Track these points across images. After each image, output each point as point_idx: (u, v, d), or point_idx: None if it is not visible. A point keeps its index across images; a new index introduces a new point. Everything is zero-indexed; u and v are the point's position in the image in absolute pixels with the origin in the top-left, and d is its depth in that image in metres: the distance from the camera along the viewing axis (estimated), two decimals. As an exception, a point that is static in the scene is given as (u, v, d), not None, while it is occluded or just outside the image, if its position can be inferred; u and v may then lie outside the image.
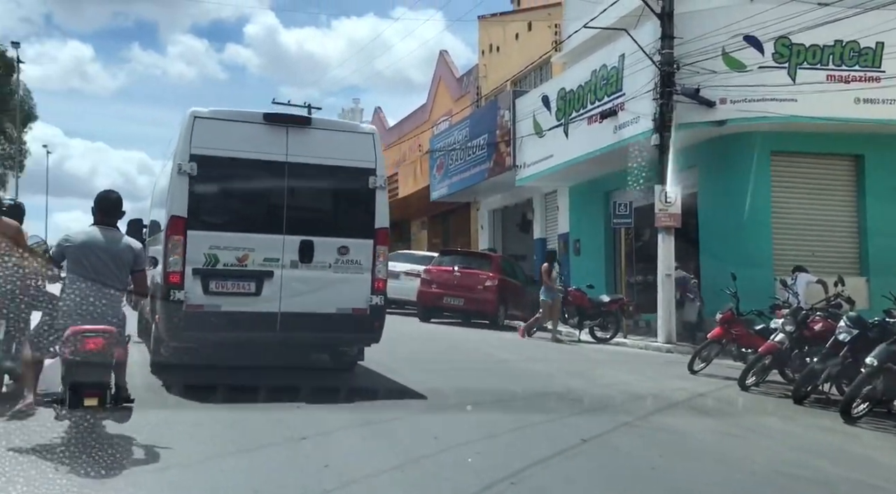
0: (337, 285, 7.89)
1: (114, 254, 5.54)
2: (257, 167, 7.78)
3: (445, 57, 29.30)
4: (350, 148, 8.11)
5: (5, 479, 4.18)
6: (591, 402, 7.80)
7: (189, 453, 5.13)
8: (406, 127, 33.13)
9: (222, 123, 7.80)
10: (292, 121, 8.24)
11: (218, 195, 7.75)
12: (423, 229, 31.47)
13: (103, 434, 5.31)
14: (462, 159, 23.46)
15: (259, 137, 7.81)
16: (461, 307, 16.09)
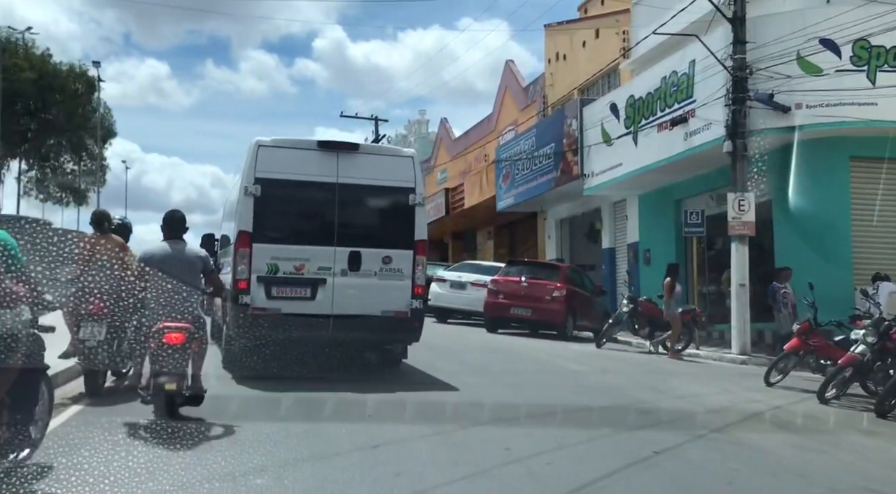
0: (381, 290, 8.90)
1: (184, 262, 6.57)
2: (312, 187, 8.94)
3: (511, 67, 29.31)
4: (392, 169, 9.15)
5: (98, 454, 5.11)
6: (663, 414, 7.66)
7: (265, 461, 5.25)
8: (472, 137, 33.22)
9: (282, 150, 8.98)
10: (342, 147, 9.28)
11: (278, 212, 8.93)
12: (489, 239, 31.46)
13: (180, 440, 5.52)
14: (528, 169, 23.39)
15: (313, 162, 8.96)
16: (529, 317, 16.01)
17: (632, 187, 19.28)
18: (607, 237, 22.33)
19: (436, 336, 15.24)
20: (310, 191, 8.98)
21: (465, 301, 18.13)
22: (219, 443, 5.68)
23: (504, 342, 14.65)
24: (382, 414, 6.75)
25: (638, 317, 14.56)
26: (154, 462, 5.07)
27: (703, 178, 17.01)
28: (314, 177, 8.93)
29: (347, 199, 8.95)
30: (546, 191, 22.34)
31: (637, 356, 14.00)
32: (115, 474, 4.69)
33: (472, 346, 13.46)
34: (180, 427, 5.84)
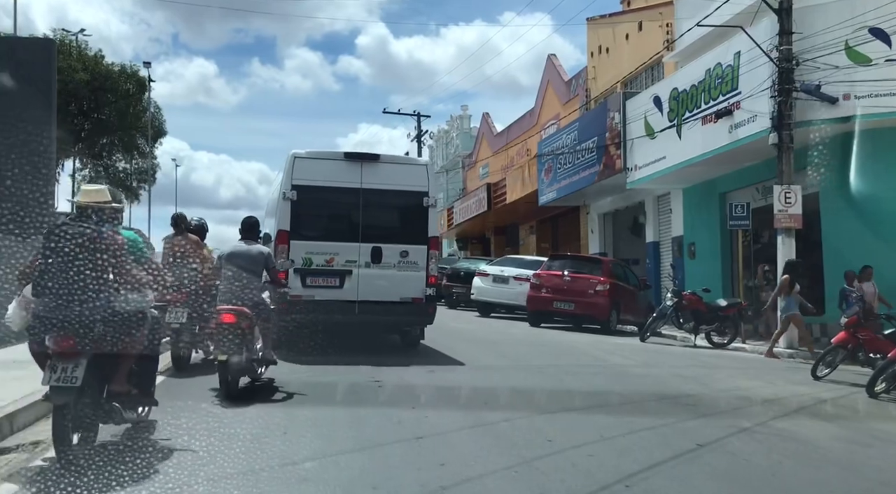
0: (400, 280, 10.35)
1: (250, 259, 7.82)
2: (340, 192, 10.35)
3: (553, 60, 29.21)
4: (409, 176, 10.62)
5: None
6: (707, 407, 7.64)
7: (310, 449, 5.40)
8: (514, 132, 33.21)
9: (314, 161, 10.47)
10: (365, 157, 10.63)
11: (312, 214, 10.34)
12: (531, 233, 31.44)
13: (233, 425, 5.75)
14: (571, 163, 23.33)
15: (341, 170, 10.39)
16: (572, 312, 16.01)
17: (676, 180, 19.13)
18: (651, 231, 22.18)
19: (478, 330, 15.40)
20: (338, 196, 10.40)
21: (507, 295, 18.19)
22: (269, 429, 5.91)
23: (547, 336, 14.69)
24: (426, 405, 6.88)
25: (682, 311, 14.46)
26: (214, 446, 5.31)
27: (748, 171, 16.81)
28: (342, 184, 10.35)
29: (370, 202, 10.39)
30: (588, 184, 22.27)
31: (681, 350, 13.92)
32: (179, 456, 5.06)
33: (514, 340, 13.53)
34: (236, 413, 6.30)
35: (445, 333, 14.62)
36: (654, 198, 21.86)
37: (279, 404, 7.04)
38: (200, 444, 5.36)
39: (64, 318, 4.95)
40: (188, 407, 6.70)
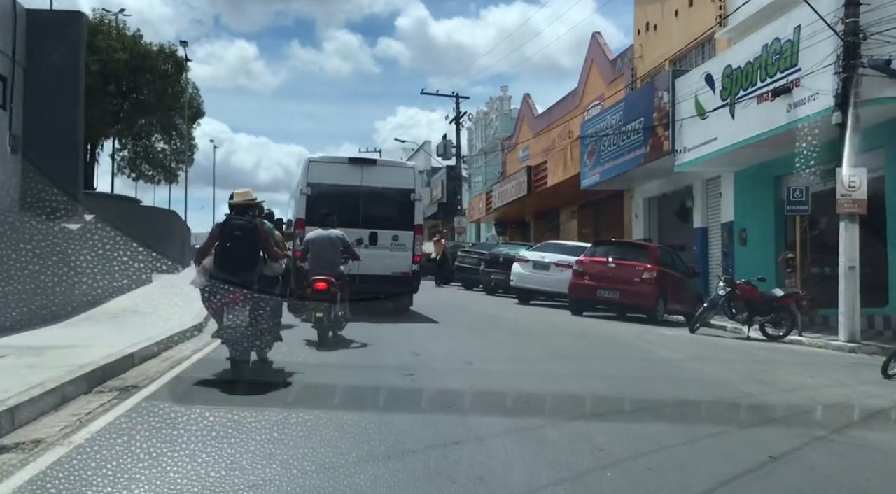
0: (392, 258, 13.07)
1: (330, 240, 10.15)
2: (345, 189, 13.01)
3: (598, 38, 28.22)
4: (399, 177, 13.64)
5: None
6: (774, 410, 6.89)
7: (338, 454, 4.85)
8: (555, 113, 32.31)
9: (325, 164, 13.49)
10: (365, 162, 14.19)
11: (322, 205, 11.96)
12: (572, 218, 30.60)
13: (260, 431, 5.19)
14: (615, 145, 22.45)
15: (346, 172, 13.30)
16: (616, 300, 15.25)
17: (728, 163, 18.19)
18: (699, 216, 21.24)
19: (518, 318, 14.75)
20: (343, 192, 12.96)
21: (548, 282, 17.49)
22: (295, 463, 4.97)
23: (590, 325, 13.98)
24: (461, 406, 6.27)
25: (735, 301, 13.63)
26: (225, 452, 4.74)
27: (806, 153, 15.83)
28: (346, 182, 13.12)
29: (368, 197, 13.14)
30: (634, 167, 21.39)
31: (734, 342, 13.12)
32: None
33: (557, 330, 12.86)
34: (265, 417, 5.70)
35: (485, 320, 14.05)
36: (702, 182, 20.91)
37: (312, 409, 6.13)
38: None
39: (235, 281, 7.44)
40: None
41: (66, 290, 11.30)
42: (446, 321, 13.29)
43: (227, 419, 5.52)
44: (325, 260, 10.02)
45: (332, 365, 8.25)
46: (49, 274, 10.85)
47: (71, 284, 11.68)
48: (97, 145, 45.88)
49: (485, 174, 41.56)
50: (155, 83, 43.90)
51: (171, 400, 6.30)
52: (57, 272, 11.21)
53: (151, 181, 50.06)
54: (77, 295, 12.43)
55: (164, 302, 14.28)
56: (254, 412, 5.80)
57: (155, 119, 45.97)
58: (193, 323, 10.90)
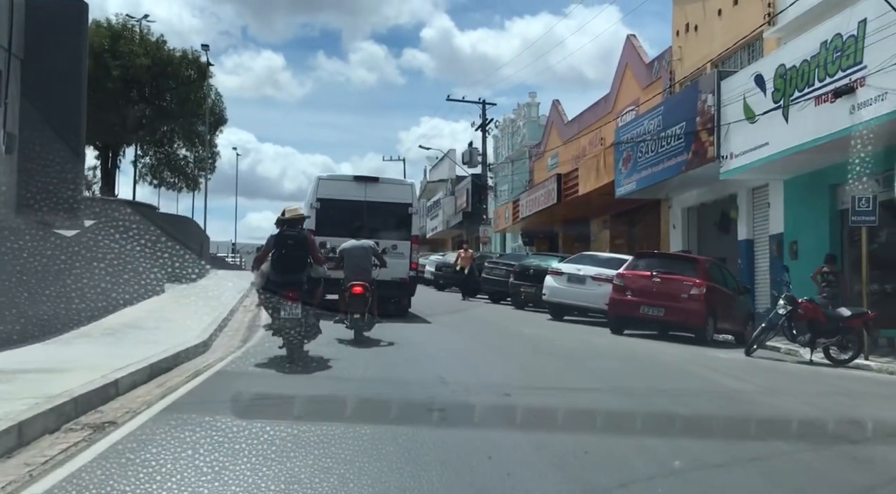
0: (391, 265, 12.86)
1: (363, 249, 11.18)
2: (350, 204, 14.48)
3: (633, 41, 26.99)
4: (398, 192, 15.36)
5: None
6: (889, 465, 5.60)
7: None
8: (586, 119, 31.09)
9: (333, 181, 15.26)
10: (368, 179, 15.30)
11: (330, 218, 14.19)
12: (604, 229, 29.29)
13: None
14: (653, 151, 21.18)
15: (351, 188, 14.90)
16: (661, 318, 13.97)
17: (780, 170, 16.87)
18: (744, 227, 19.89)
19: (555, 337, 13.54)
20: (348, 205, 14.40)
21: (584, 297, 16.25)
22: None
23: (636, 347, 12.72)
24: (503, 453, 5.06)
25: (797, 322, 12.32)
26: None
27: (868, 158, 14.49)
28: (351, 198, 14.66)
29: (371, 210, 14.43)
30: (674, 175, 20.11)
31: (798, 368, 11.80)
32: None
33: (600, 352, 11.64)
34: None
35: (518, 340, 12.86)
36: (748, 191, 19.58)
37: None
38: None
39: (289, 282, 8.92)
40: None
41: (59, 303, 10.27)
42: (475, 340, 12.17)
43: (217, 463, 4.39)
44: (360, 267, 11.13)
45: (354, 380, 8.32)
46: (39, 285, 9.83)
47: (66, 296, 10.66)
48: (119, 152, 45.45)
49: (511, 183, 40.37)
50: (177, 89, 43.34)
51: (150, 442, 5.15)
52: (49, 282, 10.20)
53: (173, 188, 49.52)
54: (73, 308, 11.40)
55: (172, 315, 13.25)
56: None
57: (177, 126, 45.41)
58: (199, 340, 9.82)
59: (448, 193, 53.27)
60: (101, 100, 40.57)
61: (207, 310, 14.04)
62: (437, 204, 56.10)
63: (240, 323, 13.32)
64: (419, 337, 12.29)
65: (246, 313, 15.68)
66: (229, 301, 16.55)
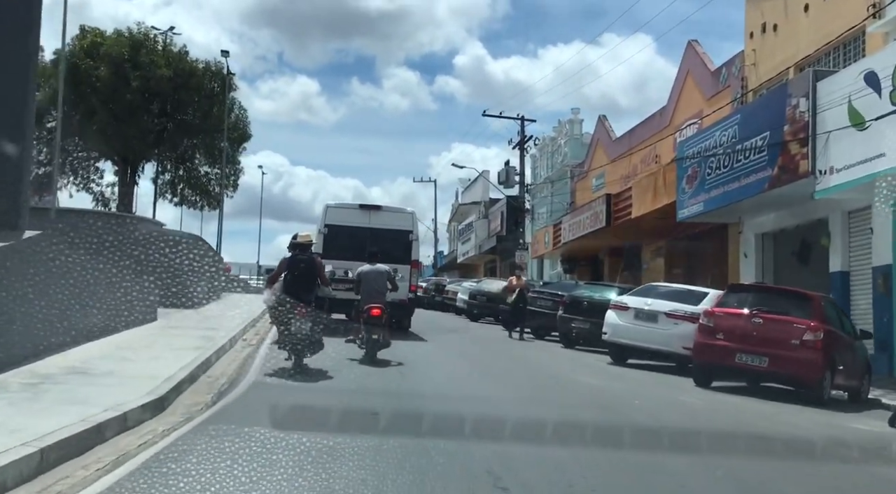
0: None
1: (378, 274, 11.89)
2: (355, 230, 15.96)
3: (695, 47, 24.12)
4: (400, 220, 16.82)
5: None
6: None
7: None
8: (638, 135, 28.22)
9: (340, 209, 16.91)
10: (372, 208, 17.10)
11: (336, 242, 15.80)
12: (658, 256, 26.24)
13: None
14: (726, 167, 18.24)
15: (357, 215, 16.52)
16: (764, 369, 10.91)
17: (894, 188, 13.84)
18: (838, 257, 16.77)
19: (625, 392, 10.59)
20: (354, 231, 15.77)
21: (656, 337, 13.29)
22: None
23: (741, 410, 9.71)
24: None
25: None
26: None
27: None
28: (357, 224, 15.98)
29: (375, 237, 15.39)
30: (753, 194, 17.12)
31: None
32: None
33: (697, 420, 8.67)
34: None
35: (576, 392, 9.96)
36: (843, 214, 16.52)
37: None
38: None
39: (299, 300, 9.91)
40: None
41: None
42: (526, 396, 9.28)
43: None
44: (376, 291, 11.62)
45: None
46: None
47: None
48: (138, 167, 43.28)
49: (550, 205, 37.45)
50: (199, 102, 41.19)
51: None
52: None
53: (195, 207, 47.27)
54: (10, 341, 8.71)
55: (140, 353, 10.51)
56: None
57: (199, 141, 43.23)
58: (150, 399, 6.98)
59: (481, 216, 50.49)
60: (119, 111, 38.66)
61: (193, 347, 11.31)
62: (469, 227, 53.35)
63: (228, 365, 10.56)
64: (453, 387, 10.28)
65: (244, 349, 12.94)
66: (227, 333, 13.83)
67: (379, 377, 10.02)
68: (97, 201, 43.29)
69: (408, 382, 9.86)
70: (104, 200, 43.54)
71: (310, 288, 10.19)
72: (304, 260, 10.30)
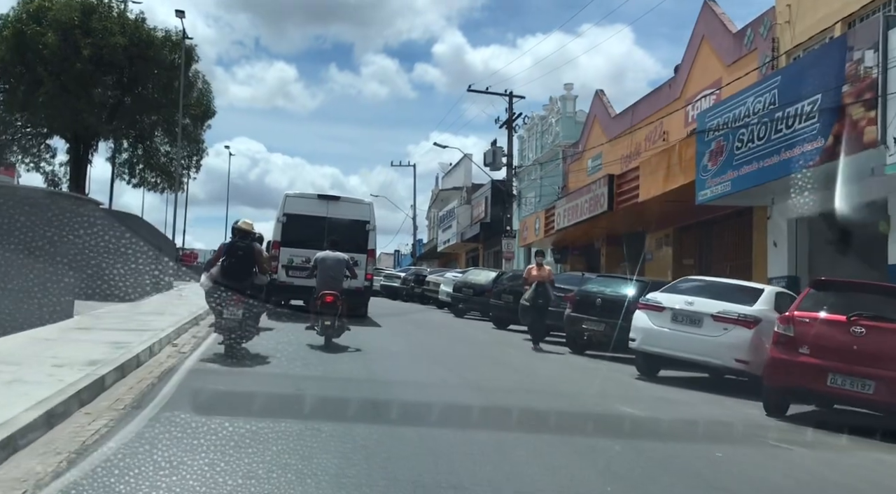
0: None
1: (338, 261, 12.17)
2: (313, 219, 16.51)
3: (712, 6, 21.20)
4: (357, 210, 17.36)
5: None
6: None
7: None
8: (642, 111, 25.36)
9: (299, 199, 17.39)
10: (330, 198, 17.59)
11: (295, 231, 16.57)
12: (665, 245, 23.40)
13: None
14: (761, 139, 15.42)
15: (315, 205, 17.00)
16: (870, 398, 8.00)
17: None
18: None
19: (680, 424, 7.74)
20: (312, 221, 16.48)
21: (701, 346, 10.35)
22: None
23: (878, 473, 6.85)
24: None
25: None
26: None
27: None
28: (315, 213, 16.67)
29: (332, 226, 16.14)
30: (799, 169, 14.29)
31: None
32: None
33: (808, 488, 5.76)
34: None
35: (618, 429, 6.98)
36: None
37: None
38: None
39: (234, 287, 9.96)
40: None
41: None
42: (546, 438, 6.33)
43: None
44: (333, 277, 11.96)
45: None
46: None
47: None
48: (90, 144, 39.68)
49: (540, 189, 34.52)
50: (159, 75, 37.69)
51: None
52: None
53: (155, 188, 43.79)
54: None
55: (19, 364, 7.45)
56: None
57: (158, 117, 39.72)
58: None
59: (463, 202, 47.53)
60: (68, 82, 35.03)
61: (86, 361, 8.24)
62: (450, 214, 50.34)
63: (128, 391, 7.48)
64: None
65: (169, 359, 9.89)
66: (152, 336, 10.76)
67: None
68: (48, 182, 39.81)
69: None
70: (55, 181, 40.01)
71: (245, 275, 10.32)
72: (242, 247, 10.40)
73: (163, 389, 7.57)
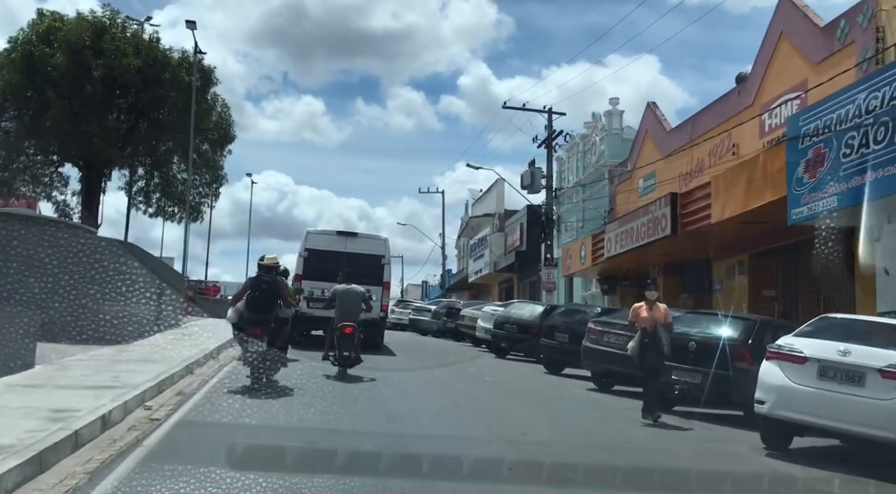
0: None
1: (354, 294, 12.63)
2: (333, 254, 17.59)
3: (795, 1, 18.36)
4: (374, 246, 18.56)
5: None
6: None
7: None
8: (704, 123, 22.51)
9: (319, 235, 18.77)
10: (349, 234, 18.80)
11: (316, 265, 17.61)
12: (739, 273, 20.32)
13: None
14: (882, 141, 12.54)
15: (334, 241, 18.29)
16: None
17: None
18: None
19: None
20: (331, 255, 17.45)
21: (862, 413, 7.40)
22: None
23: None
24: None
25: None
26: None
27: None
28: (334, 249, 17.85)
29: (350, 260, 17.04)
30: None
31: None
32: None
33: None
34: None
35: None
36: None
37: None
38: None
39: (258, 320, 10.52)
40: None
41: None
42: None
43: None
44: (351, 310, 12.40)
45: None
46: None
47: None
48: (103, 172, 37.46)
49: (582, 213, 31.65)
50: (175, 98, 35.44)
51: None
52: None
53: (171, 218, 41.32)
54: None
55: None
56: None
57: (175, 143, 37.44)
58: None
59: (495, 229, 44.73)
60: (78, 106, 32.90)
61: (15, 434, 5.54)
62: (482, 242, 47.55)
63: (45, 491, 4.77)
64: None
65: (130, 431, 7.19)
66: (115, 398, 8.05)
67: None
68: (59, 212, 37.58)
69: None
70: (66, 212, 37.75)
71: (270, 308, 10.77)
72: (266, 280, 10.91)
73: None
